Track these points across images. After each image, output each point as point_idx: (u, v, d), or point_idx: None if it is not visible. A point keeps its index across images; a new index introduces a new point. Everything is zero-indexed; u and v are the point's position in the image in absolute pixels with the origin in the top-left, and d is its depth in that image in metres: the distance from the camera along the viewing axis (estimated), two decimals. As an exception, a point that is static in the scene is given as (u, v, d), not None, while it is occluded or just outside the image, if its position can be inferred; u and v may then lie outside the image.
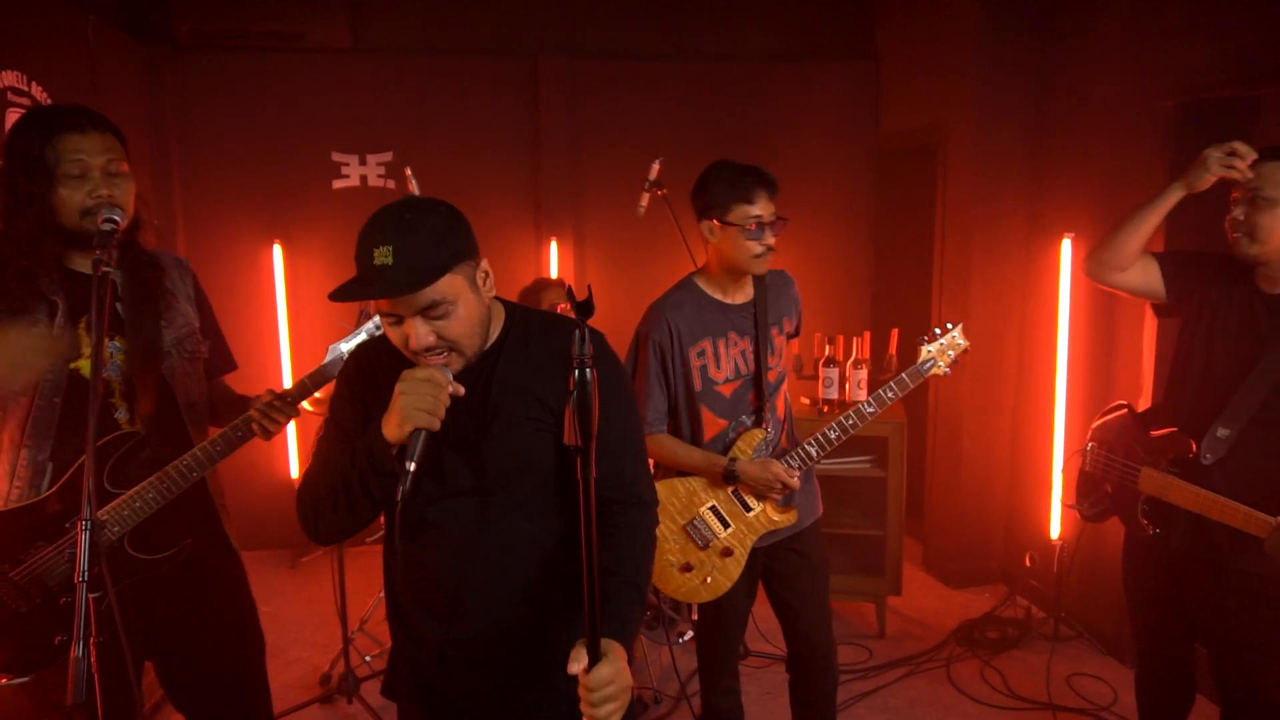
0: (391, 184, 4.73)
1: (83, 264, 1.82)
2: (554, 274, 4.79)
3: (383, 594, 3.70)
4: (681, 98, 4.90)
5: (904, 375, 2.47)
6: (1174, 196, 2.25)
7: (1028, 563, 4.10)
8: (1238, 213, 2.16)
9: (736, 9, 5.00)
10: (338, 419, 1.58)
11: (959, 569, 4.39)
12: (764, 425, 2.45)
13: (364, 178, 4.72)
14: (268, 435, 1.94)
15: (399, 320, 1.41)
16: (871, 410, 2.44)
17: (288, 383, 4.42)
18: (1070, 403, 3.84)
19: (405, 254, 1.35)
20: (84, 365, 1.81)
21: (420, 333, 1.39)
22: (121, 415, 1.86)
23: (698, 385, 2.40)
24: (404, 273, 1.35)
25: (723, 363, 2.42)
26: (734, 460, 2.40)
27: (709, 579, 2.43)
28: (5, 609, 1.74)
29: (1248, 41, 2.96)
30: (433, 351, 1.42)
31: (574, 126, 4.86)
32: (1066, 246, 3.74)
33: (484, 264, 1.48)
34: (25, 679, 1.78)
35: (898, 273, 5.16)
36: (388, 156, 4.70)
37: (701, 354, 2.40)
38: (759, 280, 2.49)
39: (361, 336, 2.12)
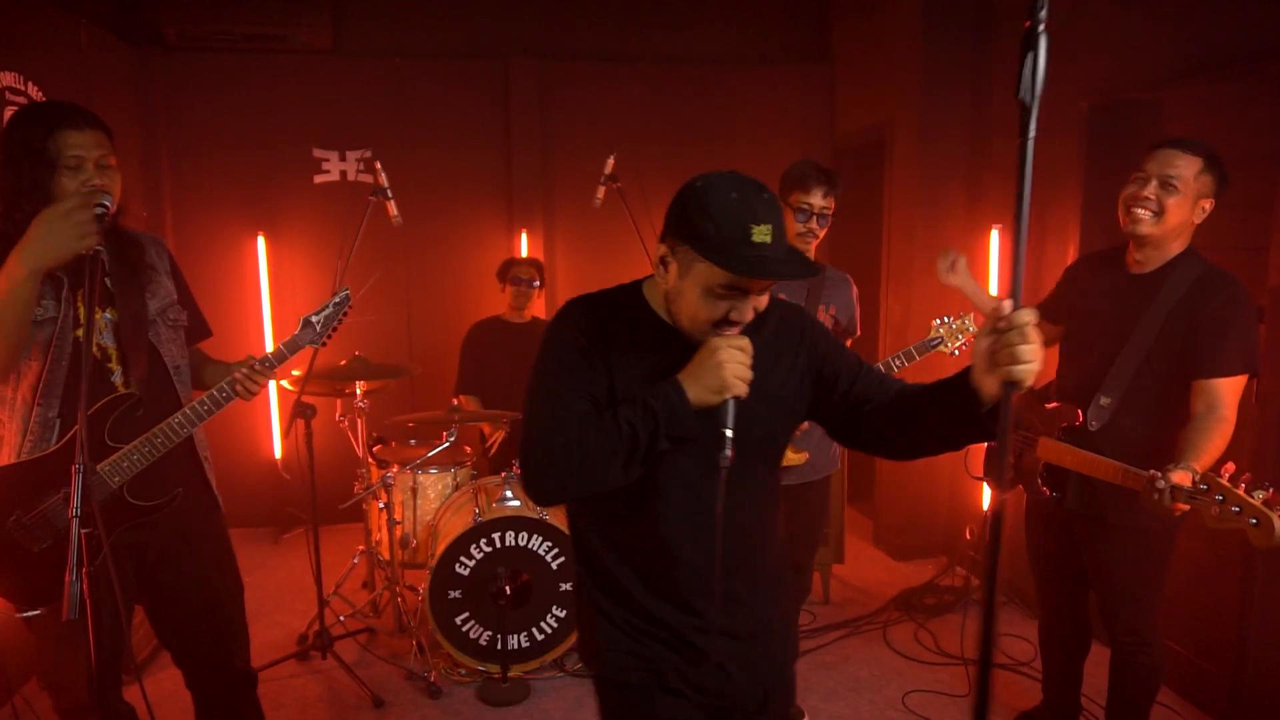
0: (369, 178, 4.94)
1: None
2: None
3: (356, 560, 3.99)
4: (647, 98, 5.14)
5: (912, 348, 2.84)
6: None
7: (968, 535, 4.35)
8: (1148, 191, 2.29)
9: (699, 14, 5.25)
10: (571, 373, 1.54)
11: (905, 543, 4.65)
12: None
13: (344, 173, 4.92)
14: (249, 396, 2.19)
15: (742, 295, 1.45)
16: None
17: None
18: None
19: (780, 236, 1.42)
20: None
21: (751, 310, 1.49)
22: (117, 379, 2.08)
23: None
24: (793, 255, 1.46)
25: None
26: None
27: None
28: (20, 549, 1.96)
29: (1149, 50, 3.22)
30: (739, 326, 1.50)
31: (543, 125, 5.09)
32: (995, 237, 3.99)
33: None
34: (37, 612, 1.99)
35: (852, 266, 5.37)
36: (366, 153, 4.91)
37: None
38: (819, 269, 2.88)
39: (330, 310, 2.35)
